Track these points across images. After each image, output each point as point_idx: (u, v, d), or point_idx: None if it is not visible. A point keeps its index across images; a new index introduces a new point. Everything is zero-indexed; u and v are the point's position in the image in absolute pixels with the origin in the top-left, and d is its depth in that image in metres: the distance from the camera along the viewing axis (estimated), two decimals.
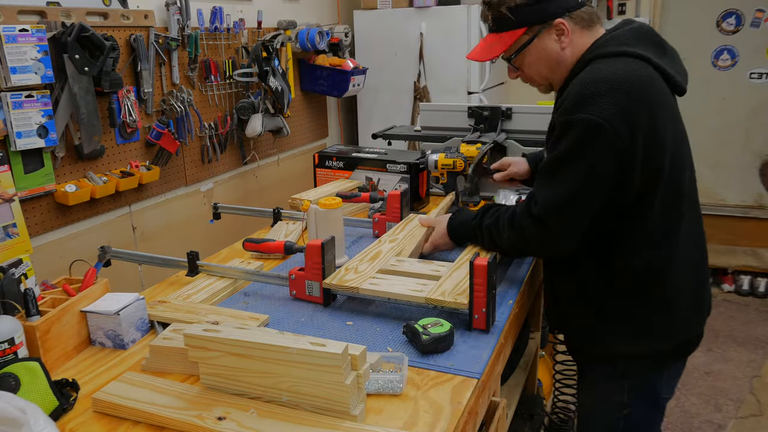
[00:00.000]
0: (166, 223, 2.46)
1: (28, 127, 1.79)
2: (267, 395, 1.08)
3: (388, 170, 2.27)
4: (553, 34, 1.38)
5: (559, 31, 1.37)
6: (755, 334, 3.47)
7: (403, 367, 1.15)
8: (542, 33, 1.38)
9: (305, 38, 3.01)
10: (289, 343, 1.03)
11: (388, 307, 1.46)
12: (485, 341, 1.30)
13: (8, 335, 1.17)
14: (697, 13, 4.05)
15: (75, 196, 1.96)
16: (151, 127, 2.28)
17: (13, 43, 1.71)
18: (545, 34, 1.38)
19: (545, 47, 1.39)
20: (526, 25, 1.38)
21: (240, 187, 2.91)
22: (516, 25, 1.38)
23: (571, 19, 1.37)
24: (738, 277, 3.98)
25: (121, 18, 2.12)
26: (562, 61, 1.40)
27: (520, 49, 1.41)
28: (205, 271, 1.65)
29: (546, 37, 1.38)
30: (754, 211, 4.21)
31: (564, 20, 1.36)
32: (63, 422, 1.09)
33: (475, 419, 1.18)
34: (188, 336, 1.10)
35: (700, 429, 2.69)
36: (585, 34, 1.39)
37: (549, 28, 1.38)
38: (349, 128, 3.93)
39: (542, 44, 1.39)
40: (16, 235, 1.42)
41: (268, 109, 2.76)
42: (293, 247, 1.66)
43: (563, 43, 1.38)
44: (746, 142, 4.15)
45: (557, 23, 1.36)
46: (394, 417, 1.06)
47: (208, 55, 2.57)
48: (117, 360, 1.30)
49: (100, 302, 1.37)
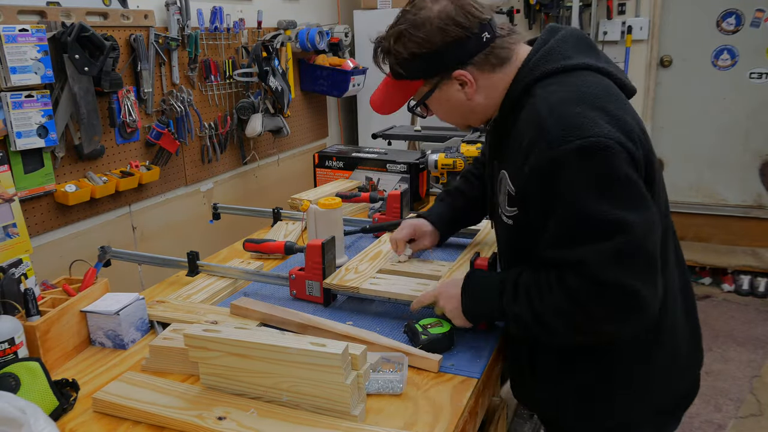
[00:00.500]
0: (166, 223, 2.46)
1: (28, 127, 1.79)
2: (267, 395, 1.08)
3: (388, 170, 2.27)
4: (455, 85, 1.19)
5: (461, 82, 1.19)
6: (755, 334, 3.47)
7: (404, 367, 1.15)
8: (442, 84, 1.20)
9: (305, 38, 3.01)
10: (289, 343, 1.03)
11: (388, 307, 1.46)
12: (485, 341, 1.30)
13: (8, 335, 1.17)
14: (697, 13, 4.05)
15: (75, 196, 1.96)
16: (151, 127, 2.28)
17: (13, 43, 1.71)
18: (446, 85, 1.20)
19: (449, 98, 1.21)
20: (422, 78, 1.21)
21: (240, 187, 2.91)
22: (414, 76, 1.21)
23: (473, 66, 1.17)
24: (738, 277, 3.98)
25: (121, 18, 2.12)
26: (475, 109, 1.22)
27: (422, 99, 1.24)
28: (205, 271, 1.65)
29: (448, 88, 1.20)
30: (754, 211, 4.20)
31: (464, 71, 1.17)
32: (63, 422, 1.09)
33: (475, 419, 1.18)
34: (188, 336, 1.10)
35: (700, 429, 2.69)
36: (498, 74, 1.18)
37: (449, 80, 1.19)
38: (349, 128, 3.93)
39: (446, 95, 1.21)
40: (16, 235, 1.42)
41: (268, 109, 2.76)
42: (293, 247, 1.66)
43: (469, 92, 1.19)
44: (746, 142, 4.15)
45: (457, 75, 1.17)
46: (394, 417, 1.06)
47: (208, 55, 2.57)
48: (117, 360, 1.30)
49: (100, 302, 1.37)
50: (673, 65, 4.14)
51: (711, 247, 4.21)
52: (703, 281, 4.07)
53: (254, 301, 1.42)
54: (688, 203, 4.33)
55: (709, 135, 4.19)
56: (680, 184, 4.34)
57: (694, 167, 4.29)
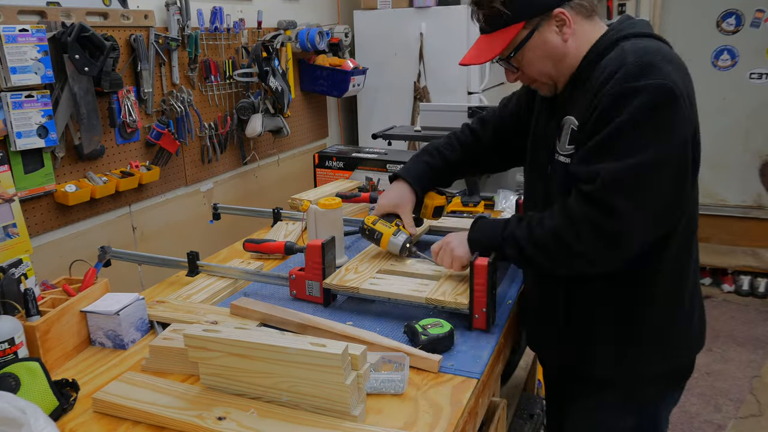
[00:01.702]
0: (166, 223, 2.46)
1: (28, 127, 1.79)
2: (267, 395, 1.08)
3: (388, 170, 2.27)
4: (553, 26, 1.26)
5: (559, 21, 1.25)
6: (755, 334, 3.47)
7: (405, 367, 1.15)
8: (542, 26, 1.25)
9: (305, 38, 3.01)
10: (289, 344, 1.03)
11: (388, 307, 1.46)
12: (485, 341, 1.30)
13: (8, 335, 1.17)
14: (697, 13, 4.05)
15: (75, 196, 1.96)
16: (151, 127, 2.28)
17: (13, 43, 1.71)
18: (545, 27, 1.26)
19: (546, 41, 1.27)
20: (524, 18, 1.25)
21: (240, 187, 2.91)
22: (512, 20, 1.25)
23: (571, 9, 1.25)
24: (738, 277, 3.98)
25: (121, 18, 2.12)
26: (567, 55, 1.28)
27: (519, 46, 1.28)
28: (205, 272, 1.65)
29: (546, 30, 1.26)
30: (754, 211, 4.21)
31: (564, 9, 1.24)
32: (63, 422, 1.09)
33: (475, 419, 1.18)
34: (188, 336, 1.10)
35: (700, 429, 2.69)
36: (587, 25, 1.28)
37: (548, 20, 1.25)
38: (349, 128, 3.93)
39: (543, 38, 1.26)
40: (16, 235, 1.42)
41: (268, 109, 2.76)
42: (293, 247, 1.66)
43: (565, 34, 1.26)
44: (746, 142, 4.15)
45: (557, 13, 1.24)
46: (394, 417, 1.06)
47: (208, 55, 2.57)
48: (117, 360, 1.30)
49: (100, 302, 1.37)
50: None
51: (711, 247, 4.21)
52: (703, 281, 4.07)
53: (254, 301, 1.42)
54: None
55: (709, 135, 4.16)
56: None
57: None
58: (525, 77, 1.35)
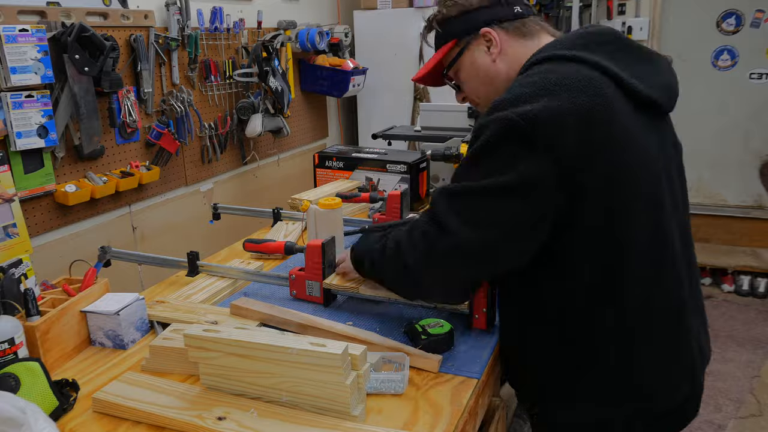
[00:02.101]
0: (166, 223, 2.46)
1: (28, 127, 1.79)
2: (267, 395, 1.08)
3: (388, 170, 2.27)
4: (482, 46, 1.27)
5: (487, 41, 1.26)
6: (755, 334, 3.47)
7: (405, 367, 1.15)
8: (471, 44, 1.28)
9: (305, 38, 3.01)
10: (289, 344, 1.03)
11: (388, 307, 1.46)
12: (485, 341, 1.30)
13: (8, 335, 1.17)
14: (697, 13, 4.05)
15: (75, 196, 1.96)
16: (151, 127, 2.28)
17: (13, 43, 1.71)
18: (474, 46, 1.28)
19: (475, 60, 1.28)
20: (454, 37, 1.30)
21: (240, 187, 2.91)
22: (445, 38, 1.31)
23: (501, 29, 1.25)
24: (738, 277, 3.98)
25: (121, 18, 2.13)
26: (496, 76, 1.26)
27: (451, 64, 1.32)
28: (206, 272, 1.65)
29: (475, 49, 1.28)
30: (754, 211, 4.20)
31: (492, 29, 1.25)
32: (63, 422, 1.09)
33: (475, 419, 1.18)
34: (188, 336, 1.10)
35: (700, 429, 2.69)
36: (521, 45, 1.25)
37: (477, 39, 1.27)
38: (349, 128, 3.93)
39: (472, 57, 1.29)
40: (16, 235, 1.42)
41: (268, 109, 2.76)
42: (293, 247, 1.66)
43: (493, 54, 1.26)
44: (746, 142, 4.15)
45: (484, 32, 1.25)
46: (394, 417, 1.06)
47: (208, 55, 2.57)
48: (117, 360, 1.30)
49: (100, 302, 1.37)
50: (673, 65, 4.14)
51: (711, 247, 4.21)
52: (703, 281, 4.07)
53: (254, 301, 1.42)
54: None
55: (709, 135, 4.19)
56: None
57: (694, 167, 4.28)
58: (466, 97, 1.38)
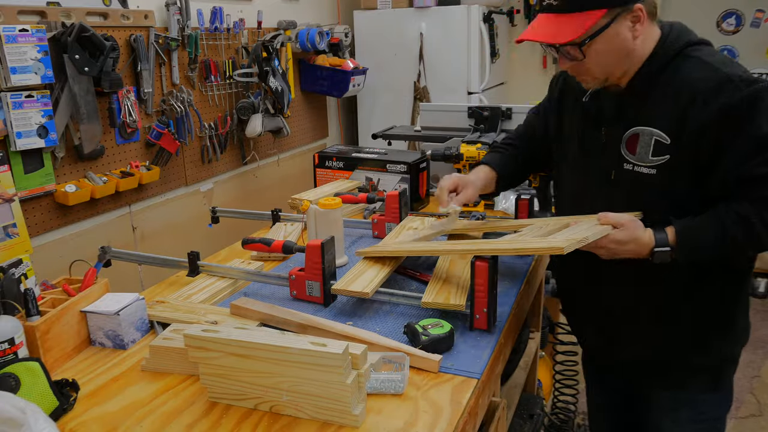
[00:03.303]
0: (166, 223, 2.46)
1: (28, 127, 1.79)
2: (267, 395, 1.08)
3: (388, 170, 2.27)
4: (628, 21, 1.25)
5: (635, 17, 1.25)
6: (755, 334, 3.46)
7: (405, 367, 1.15)
8: (620, 18, 1.24)
9: (305, 38, 3.01)
10: (289, 343, 1.03)
11: (388, 307, 1.46)
12: (485, 341, 1.30)
13: (8, 335, 1.17)
14: (697, 13, 4.05)
15: (75, 196, 1.96)
16: (151, 127, 2.28)
17: (13, 43, 1.71)
18: (622, 20, 1.24)
19: (619, 34, 1.25)
20: (607, 6, 1.23)
21: (240, 187, 2.91)
22: (596, 4, 1.23)
23: (646, 7, 1.26)
24: None
25: (121, 18, 2.12)
26: (632, 52, 1.28)
27: (595, 34, 1.24)
28: (206, 272, 1.65)
29: (622, 23, 1.25)
30: None
31: (642, 6, 1.25)
32: (63, 422, 1.09)
33: (475, 419, 1.18)
34: (188, 336, 1.10)
35: None
36: (652, 26, 1.30)
37: (627, 13, 1.24)
38: (349, 128, 3.93)
39: (617, 30, 1.25)
40: (16, 235, 1.42)
41: (268, 109, 2.76)
42: (293, 247, 1.66)
43: (637, 31, 1.26)
44: None
45: (636, 8, 1.24)
46: (394, 417, 1.06)
47: (208, 55, 2.57)
48: (117, 360, 1.30)
49: (100, 302, 1.37)
50: None
51: None
52: None
53: (254, 301, 1.42)
54: None
55: None
56: None
57: None
58: (582, 67, 1.31)
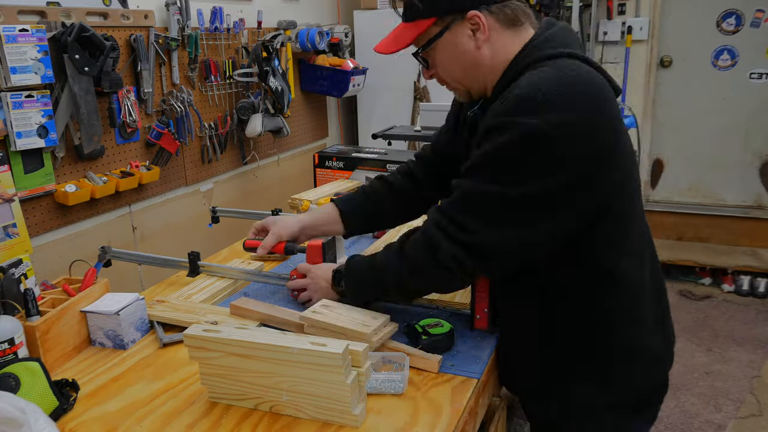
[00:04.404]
0: (166, 223, 2.46)
1: (28, 127, 1.79)
2: (267, 395, 1.08)
3: (388, 170, 2.27)
4: (467, 29, 1.17)
5: (473, 25, 1.17)
6: (755, 334, 3.47)
7: (405, 367, 1.15)
8: (454, 26, 1.18)
9: (305, 38, 3.01)
10: (290, 343, 1.03)
11: (389, 308, 1.46)
12: (485, 341, 1.30)
13: (8, 335, 1.17)
14: (697, 13, 4.05)
15: (75, 196, 1.96)
16: (151, 127, 2.28)
17: (13, 43, 1.71)
18: (457, 28, 1.18)
19: (457, 43, 1.19)
20: (436, 15, 1.18)
21: (240, 187, 2.91)
22: (424, 13, 1.19)
23: (490, 14, 1.16)
24: (738, 278, 3.98)
25: (121, 18, 2.12)
26: (479, 63, 1.19)
27: (428, 43, 1.21)
28: (206, 272, 1.65)
29: (459, 32, 1.18)
30: (754, 211, 4.20)
31: (480, 13, 1.15)
32: (63, 422, 1.09)
33: (475, 419, 1.18)
34: (188, 336, 1.10)
35: (700, 429, 2.69)
36: (508, 35, 1.18)
37: (462, 22, 1.17)
38: (349, 128, 3.93)
39: (454, 39, 1.19)
40: (16, 235, 1.42)
41: (268, 109, 2.76)
42: (294, 248, 1.66)
43: (478, 40, 1.17)
44: (746, 142, 4.15)
45: (471, 16, 1.16)
46: (394, 417, 1.06)
47: (208, 55, 2.57)
48: (117, 360, 1.30)
49: (100, 302, 1.37)
50: (673, 65, 4.14)
51: (711, 247, 4.21)
52: (703, 281, 4.07)
53: (254, 301, 1.42)
54: (687, 203, 4.33)
55: (709, 135, 4.20)
56: (680, 185, 4.34)
57: (694, 167, 4.29)
58: (438, 77, 1.28)
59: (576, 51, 1.14)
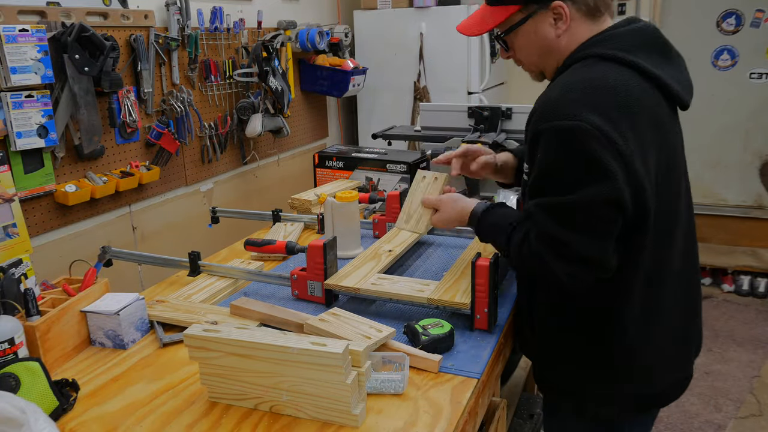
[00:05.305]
0: (166, 223, 2.46)
1: (28, 127, 1.79)
2: (267, 395, 1.08)
3: (388, 170, 2.27)
4: (549, 18, 1.21)
5: (556, 15, 1.21)
6: (755, 334, 3.47)
7: (405, 367, 1.15)
8: (537, 14, 1.22)
9: (305, 38, 3.01)
10: (290, 343, 1.03)
11: (389, 308, 1.46)
12: (485, 341, 1.30)
13: (8, 335, 1.17)
14: (697, 13, 4.05)
15: (75, 196, 1.96)
16: (151, 127, 2.28)
17: (13, 43, 1.71)
18: (541, 16, 1.22)
19: (538, 31, 1.23)
20: (521, 2, 1.22)
21: (240, 187, 2.91)
22: (510, 0, 1.23)
23: (573, 4, 1.20)
24: (738, 277, 3.98)
25: (121, 18, 2.12)
26: (555, 50, 1.24)
27: (511, 28, 1.25)
28: (206, 271, 1.65)
29: (541, 20, 1.22)
30: (754, 211, 4.20)
31: (564, 3, 1.20)
32: (63, 422, 1.09)
33: (475, 419, 1.18)
34: (188, 336, 1.10)
35: (700, 429, 2.69)
36: (586, 24, 1.22)
37: (545, 10, 1.21)
38: (349, 128, 3.93)
39: (536, 27, 1.23)
40: (16, 235, 1.42)
41: (268, 109, 2.76)
42: (295, 247, 1.67)
43: (559, 29, 1.21)
44: (746, 142, 4.15)
45: (555, 6, 1.20)
46: (394, 417, 1.06)
47: (208, 55, 2.57)
48: (117, 360, 1.30)
49: (100, 302, 1.37)
50: None
51: (711, 247, 4.20)
52: (703, 281, 4.07)
53: (254, 301, 1.42)
54: None
55: (709, 135, 4.19)
56: None
57: (693, 167, 4.27)
58: (515, 59, 1.33)
59: (616, 53, 1.15)
